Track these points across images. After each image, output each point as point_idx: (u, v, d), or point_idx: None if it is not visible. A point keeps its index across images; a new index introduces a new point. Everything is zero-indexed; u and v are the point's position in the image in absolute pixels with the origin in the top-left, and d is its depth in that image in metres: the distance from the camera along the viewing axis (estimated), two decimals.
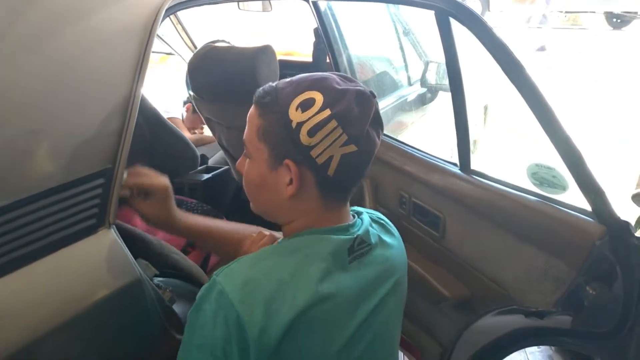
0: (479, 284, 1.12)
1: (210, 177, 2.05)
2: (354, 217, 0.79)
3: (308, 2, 1.57)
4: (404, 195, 1.32)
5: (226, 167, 2.17)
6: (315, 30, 1.66)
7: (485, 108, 2.94)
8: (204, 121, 2.03)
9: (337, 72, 0.76)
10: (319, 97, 0.70)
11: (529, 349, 2.00)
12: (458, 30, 1.02)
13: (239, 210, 2.21)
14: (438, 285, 1.18)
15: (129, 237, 0.95)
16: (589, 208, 0.89)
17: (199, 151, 2.16)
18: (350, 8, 1.73)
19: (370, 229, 0.78)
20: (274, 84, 0.75)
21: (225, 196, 2.19)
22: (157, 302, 0.93)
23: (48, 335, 0.76)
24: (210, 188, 2.04)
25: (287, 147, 0.71)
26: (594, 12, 8.89)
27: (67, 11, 0.88)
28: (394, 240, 0.83)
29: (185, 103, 2.88)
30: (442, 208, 1.19)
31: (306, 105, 0.70)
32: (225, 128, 1.90)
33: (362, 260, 0.75)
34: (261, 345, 0.65)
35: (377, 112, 0.73)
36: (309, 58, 2.74)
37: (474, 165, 1.12)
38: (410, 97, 2.09)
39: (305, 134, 0.69)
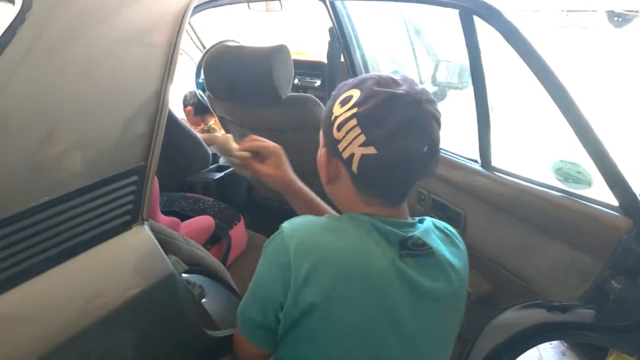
0: (500, 279, 1.13)
1: (222, 176, 2.07)
2: (413, 219, 0.81)
3: (324, 2, 1.59)
4: (423, 192, 1.33)
5: None
6: (330, 30, 1.67)
7: (491, 109, 2.95)
8: (218, 120, 2.04)
9: (397, 75, 0.76)
10: (356, 95, 0.73)
11: (541, 344, 2.02)
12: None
13: (251, 208, 2.23)
14: None
15: (156, 233, 0.97)
16: (614, 202, 0.91)
17: (209, 150, 2.18)
18: (364, 8, 1.74)
19: (432, 234, 0.78)
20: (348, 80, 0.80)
21: (237, 195, 2.21)
22: (188, 298, 0.94)
23: (85, 333, 0.76)
24: (223, 186, 2.06)
25: (327, 137, 0.78)
26: (595, 10, 8.92)
27: (97, 9, 0.89)
28: (458, 255, 0.81)
29: (185, 105, 2.83)
30: (463, 204, 1.20)
31: (345, 101, 0.74)
32: (240, 127, 1.91)
33: (418, 261, 0.75)
34: (296, 302, 0.72)
35: (415, 120, 0.71)
36: (318, 57, 2.76)
37: (494, 162, 1.14)
38: None
39: (335, 128, 0.75)
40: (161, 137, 0.93)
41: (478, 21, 1.00)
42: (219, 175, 2.07)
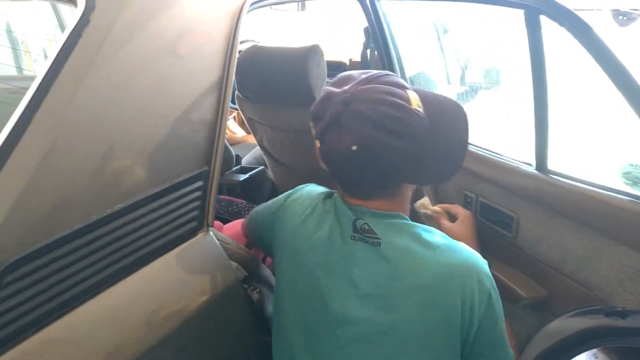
0: (558, 284, 1.11)
1: (247, 178, 2.05)
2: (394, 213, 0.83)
3: (360, 1, 1.56)
4: (470, 195, 1.31)
5: (262, 167, 2.17)
6: (366, 30, 1.65)
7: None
8: (245, 121, 2.02)
9: (365, 73, 0.80)
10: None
11: None
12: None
13: None
14: (513, 285, 1.17)
15: None
16: None
17: (233, 151, 2.15)
18: (398, 9, 1.71)
19: (398, 233, 0.78)
20: None
21: (261, 196, 2.19)
22: (249, 304, 0.92)
23: (161, 343, 0.74)
24: (247, 188, 2.04)
25: None
26: (600, 9, 8.89)
27: (155, 8, 0.86)
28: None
29: None
30: (516, 208, 1.18)
31: None
32: (269, 128, 1.89)
33: (367, 248, 0.78)
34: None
35: (339, 119, 0.75)
36: (338, 57, 2.75)
37: (551, 166, 1.11)
38: (452, 95, 2.09)
39: None
40: (223, 140, 0.91)
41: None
42: (244, 176, 2.06)
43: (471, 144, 1.35)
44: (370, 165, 0.76)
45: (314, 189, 0.94)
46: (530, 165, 1.16)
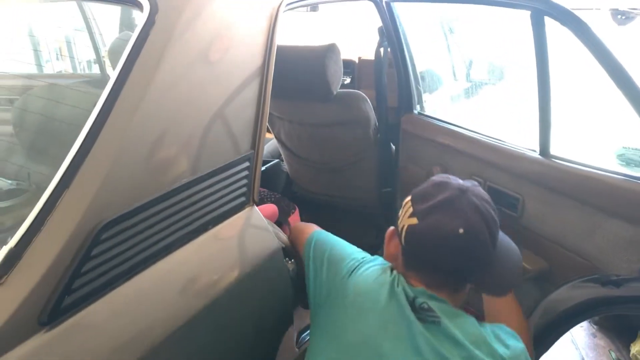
0: (559, 257, 1.23)
1: (264, 169, 2.17)
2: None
3: (375, 3, 1.68)
4: (478, 180, 1.42)
5: (277, 160, 2.29)
6: (380, 30, 1.76)
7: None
8: None
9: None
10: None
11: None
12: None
13: (290, 199, 2.34)
14: None
15: None
16: None
17: None
18: (409, 10, 1.83)
19: (454, 319, 0.82)
20: None
21: (276, 187, 2.31)
22: (287, 271, 1.04)
23: (219, 300, 0.86)
24: (264, 179, 2.16)
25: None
26: (599, 9, 9.02)
27: (207, 8, 0.97)
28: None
29: None
30: (521, 190, 1.29)
31: None
32: (287, 122, 2.00)
33: (429, 327, 0.80)
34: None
35: (453, 201, 0.83)
36: (347, 56, 2.86)
37: (553, 151, 1.23)
38: (459, 92, 2.21)
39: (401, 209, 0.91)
40: (265, 129, 1.03)
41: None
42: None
43: (479, 133, 1.47)
44: (466, 253, 0.82)
45: (382, 262, 0.96)
46: (534, 151, 1.28)
